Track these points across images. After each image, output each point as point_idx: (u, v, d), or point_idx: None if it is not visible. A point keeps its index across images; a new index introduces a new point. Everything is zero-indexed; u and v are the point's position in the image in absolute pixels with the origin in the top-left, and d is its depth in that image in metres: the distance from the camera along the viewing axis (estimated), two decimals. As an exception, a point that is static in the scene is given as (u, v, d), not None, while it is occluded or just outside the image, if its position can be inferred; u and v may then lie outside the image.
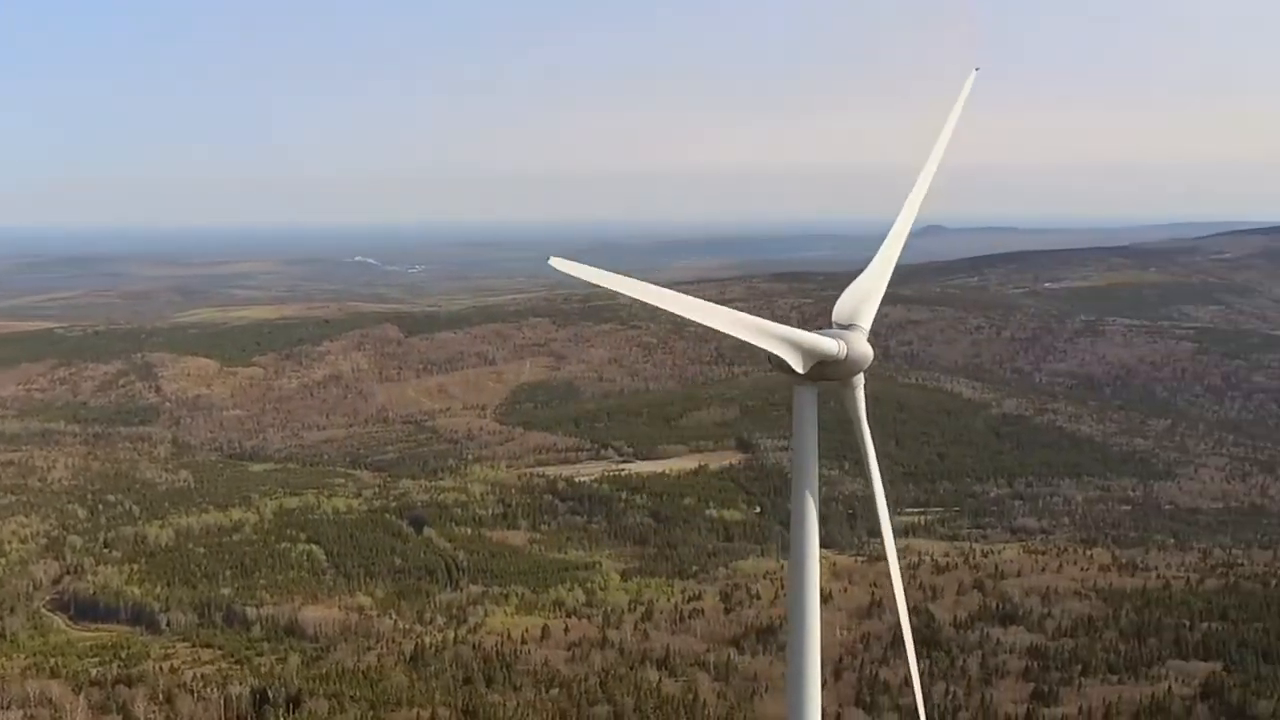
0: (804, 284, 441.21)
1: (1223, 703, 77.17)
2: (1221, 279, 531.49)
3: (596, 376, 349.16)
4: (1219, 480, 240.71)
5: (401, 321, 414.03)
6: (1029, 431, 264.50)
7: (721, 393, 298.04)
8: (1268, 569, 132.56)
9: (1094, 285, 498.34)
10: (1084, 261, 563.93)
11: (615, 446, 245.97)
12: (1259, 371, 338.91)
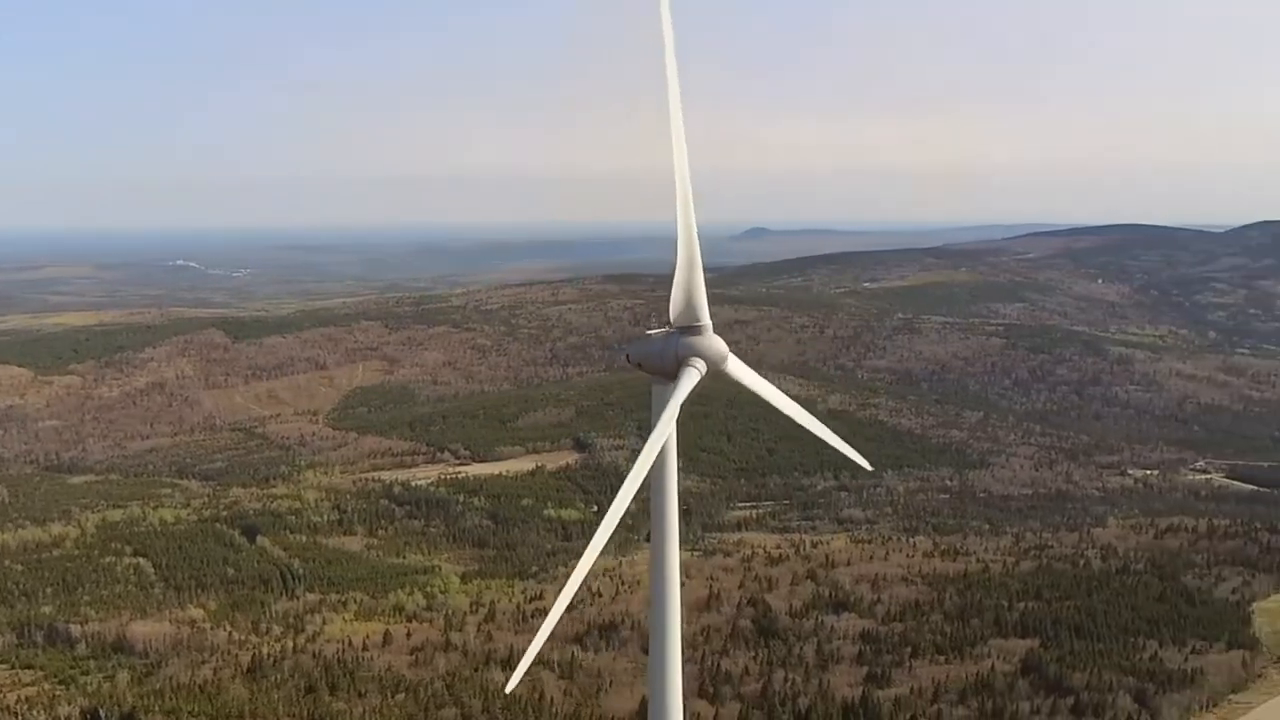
0: (635, 285, 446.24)
1: (1041, 676, 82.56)
2: (1026, 278, 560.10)
3: (431, 379, 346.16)
4: (1028, 468, 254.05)
5: (227, 326, 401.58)
6: (853, 425, 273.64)
7: (557, 394, 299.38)
8: (1075, 550, 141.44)
9: (910, 285, 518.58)
10: (900, 262, 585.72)
11: (452, 449, 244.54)
12: (1062, 365, 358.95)
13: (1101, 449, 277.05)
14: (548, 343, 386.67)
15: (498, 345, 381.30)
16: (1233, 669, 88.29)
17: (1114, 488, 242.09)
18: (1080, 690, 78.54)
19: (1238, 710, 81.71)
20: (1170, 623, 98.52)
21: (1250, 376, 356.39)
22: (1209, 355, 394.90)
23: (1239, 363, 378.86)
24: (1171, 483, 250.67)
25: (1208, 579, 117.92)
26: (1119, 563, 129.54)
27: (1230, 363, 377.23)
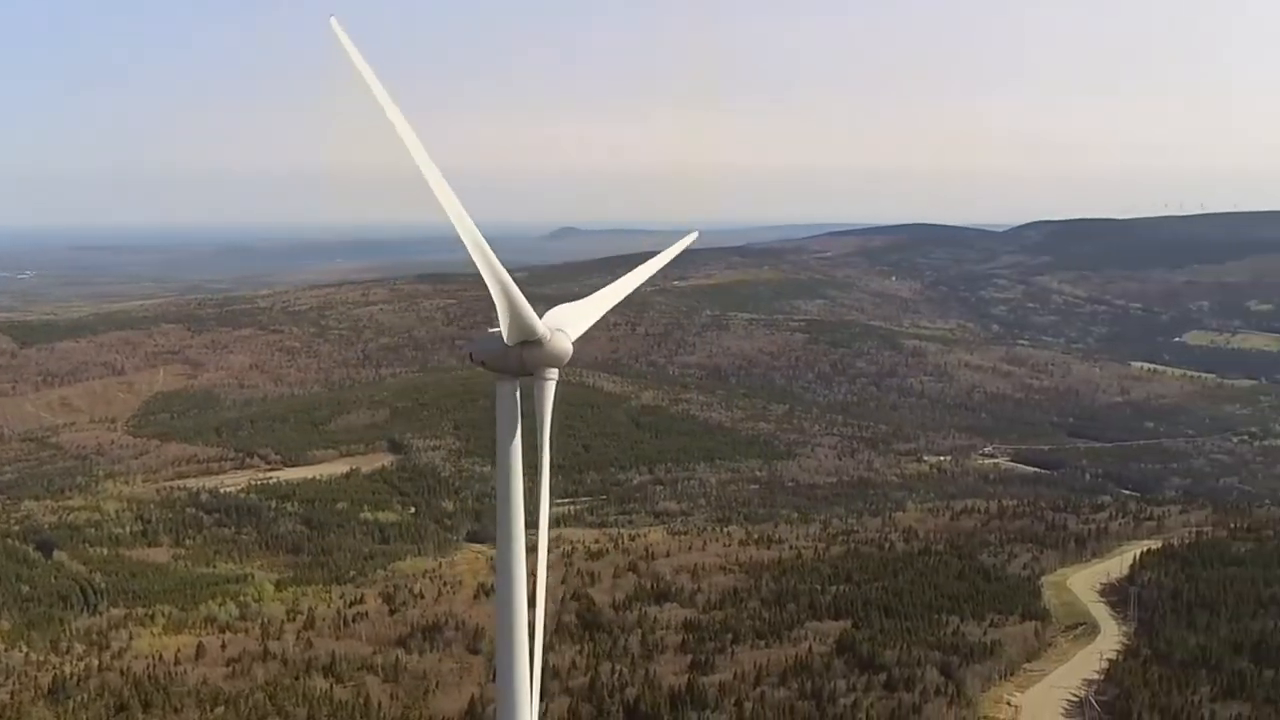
0: (448, 285, 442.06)
1: (855, 655, 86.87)
2: (826, 276, 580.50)
3: (237, 383, 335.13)
4: (832, 457, 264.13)
5: (14, 331, 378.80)
6: (666, 421, 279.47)
7: (370, 395, 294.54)
8: (879, 534, 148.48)
9: (717, 283, 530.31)
10: (707, 261, 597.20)
11: (261, 454, 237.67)
12: (861, 358, 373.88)
13: (899, 437, 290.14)
14: (359, 344, 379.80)
15: (307, 347, 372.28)
16: (1027, 639, 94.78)
17: (912, 474, 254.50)
18: (892, 666, 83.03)
19: (1033, 678, 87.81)
20: (969, 599, 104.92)
21: (1030, 366, 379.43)
22: (993, 347, 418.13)
23: (1020, 354, 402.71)
24: (963, 467, 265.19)
25: (1001, 556, 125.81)
26: (920, 544, 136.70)
27: (1012, 354, 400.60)
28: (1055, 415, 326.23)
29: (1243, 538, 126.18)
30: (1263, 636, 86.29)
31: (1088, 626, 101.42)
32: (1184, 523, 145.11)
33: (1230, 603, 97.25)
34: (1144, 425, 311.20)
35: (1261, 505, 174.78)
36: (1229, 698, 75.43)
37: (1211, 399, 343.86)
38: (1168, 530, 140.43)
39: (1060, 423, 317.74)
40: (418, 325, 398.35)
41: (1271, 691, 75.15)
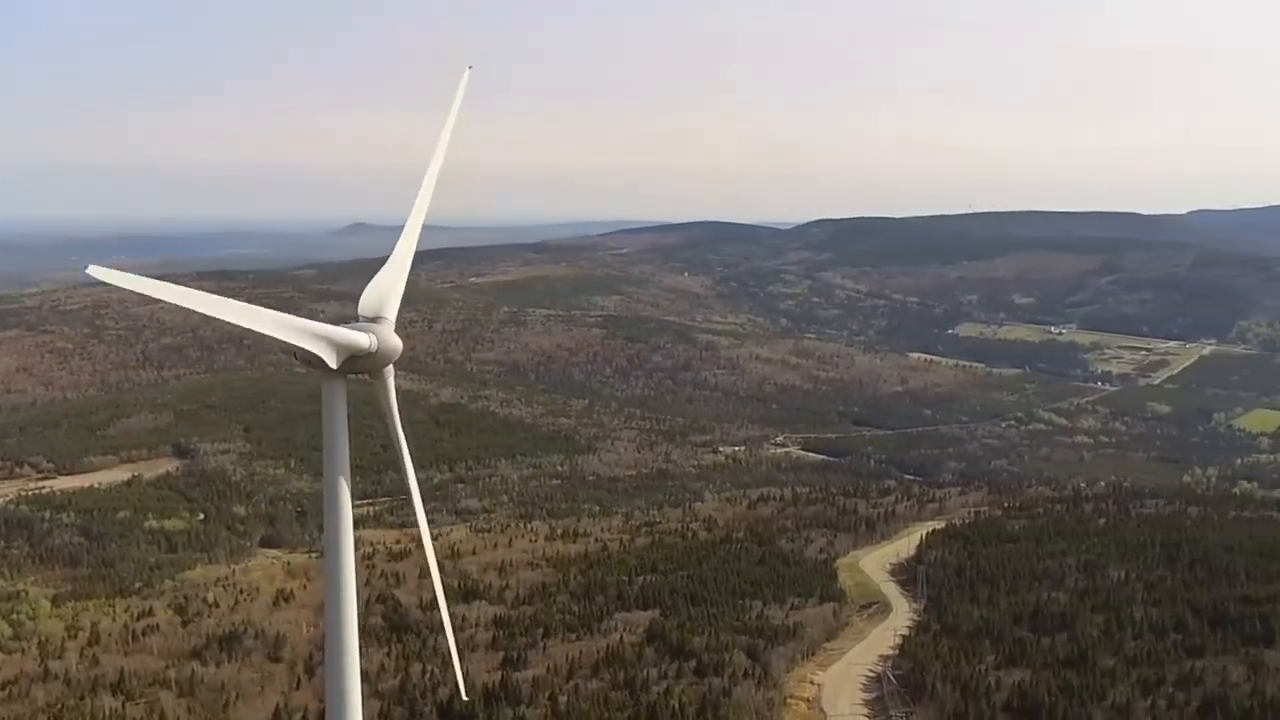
0: (232, 282, 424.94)
1: (665, 644, 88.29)
2: (621, 272, 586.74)
3: (3, 388, 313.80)
4: (631, 451, 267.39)
5: None
6: (466, 418, 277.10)
7: (152, 398, 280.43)
8: (681, 524, 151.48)
9: (514, 279, 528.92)
10: (503, 258, 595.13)
11: (32, 463, 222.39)
12: (657, 353, 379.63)
13: (695, 429, 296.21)
14: (139, 344, 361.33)
15: (81, 348, 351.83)
16: (826, 620, 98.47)
17: (708, 464, 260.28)
18: (701, 652, 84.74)
19: (833, 656, 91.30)
20: (771, 583, 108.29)
21: (817, 359, 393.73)
22: (782, 340, 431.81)
23: (807, 346, 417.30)
24: (757, 457, 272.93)
25: (798, 541, 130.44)
26: (721, 533, 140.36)
27: (800, 346, 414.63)
28: (841, 405, 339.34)
29: (1016, 515, 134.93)
30: (1038, 606, 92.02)
31: (881, 605, 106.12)
32: (963, 503, 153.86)
33: (1009, 576, 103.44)
34: (922, 413, 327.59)
35: (1030, 485, 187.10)
36: (1011, 664, 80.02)
37: (982, 387, 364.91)
38: (949, 511, 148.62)
39: (846, 412, 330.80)
40: (202, 324, 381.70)
41: (1048, 657, 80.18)
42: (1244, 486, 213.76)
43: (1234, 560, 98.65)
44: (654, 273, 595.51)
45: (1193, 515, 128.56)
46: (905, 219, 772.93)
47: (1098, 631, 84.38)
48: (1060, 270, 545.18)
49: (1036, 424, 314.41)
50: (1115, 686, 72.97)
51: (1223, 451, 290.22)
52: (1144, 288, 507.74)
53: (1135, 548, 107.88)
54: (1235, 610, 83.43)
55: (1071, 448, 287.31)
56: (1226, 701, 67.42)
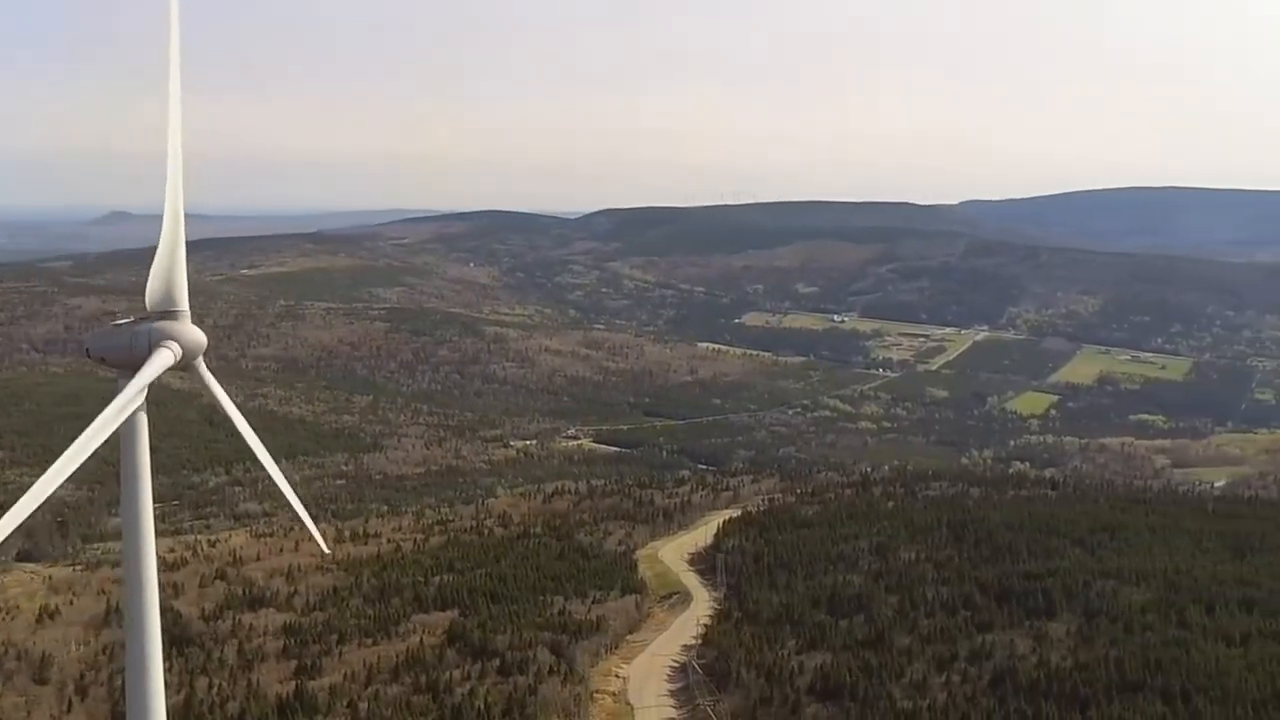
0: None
1: (467, 644, 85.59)
2: (404, 263, 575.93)
3: None
4: (419, 447, 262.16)
5: None
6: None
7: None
8: (475, 521, 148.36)
9: (290, 271, 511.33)
10: (278, 248, 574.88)
11: None
12: (443, 346, 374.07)
13: (485, 424, 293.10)
14: None
15: None
16: (628, 612, 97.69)
17: (500, 459, 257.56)
18: (504, 651, 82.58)
19: (637, 648, 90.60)
20: (571, 578, 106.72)
21: (607, 349, 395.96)
22: (571, 332, 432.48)
23: (597, 337, 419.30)
24: (549, 450, 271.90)
25: (597, 534, 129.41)
26: (518, 528, 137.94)
27: (590, 337, 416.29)
28: (632, 396, 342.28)
29: (809, 501, 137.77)
30: (835, 590, 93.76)
31: (682, 595, 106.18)
32: (756, 491, 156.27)
33: (805, 561, 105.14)
34: (712, 402, 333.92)
35: (819, 471, 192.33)
36: (812, 648, 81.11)
37: (769, 375, 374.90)
38: (744, 499, 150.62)
39: (637, 403, 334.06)
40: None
41: (847, 638, 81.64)
42: (1018, 467, 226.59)
43: (1015, 538, 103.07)
44: (438, 263, 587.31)
45: (975, 496, 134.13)
46: (692, 209, 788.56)
47: (892, 612, 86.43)
48: (842, 259, 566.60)
49: (822, 411, 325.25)
50: (912, 664, 74.79)
51: (997, 433, 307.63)
52: (921, 276, 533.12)
53: (923, 529, 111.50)
54: (1019, 586, 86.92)
55: (856, 433, 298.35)
56: (1015, 673, 69.89)
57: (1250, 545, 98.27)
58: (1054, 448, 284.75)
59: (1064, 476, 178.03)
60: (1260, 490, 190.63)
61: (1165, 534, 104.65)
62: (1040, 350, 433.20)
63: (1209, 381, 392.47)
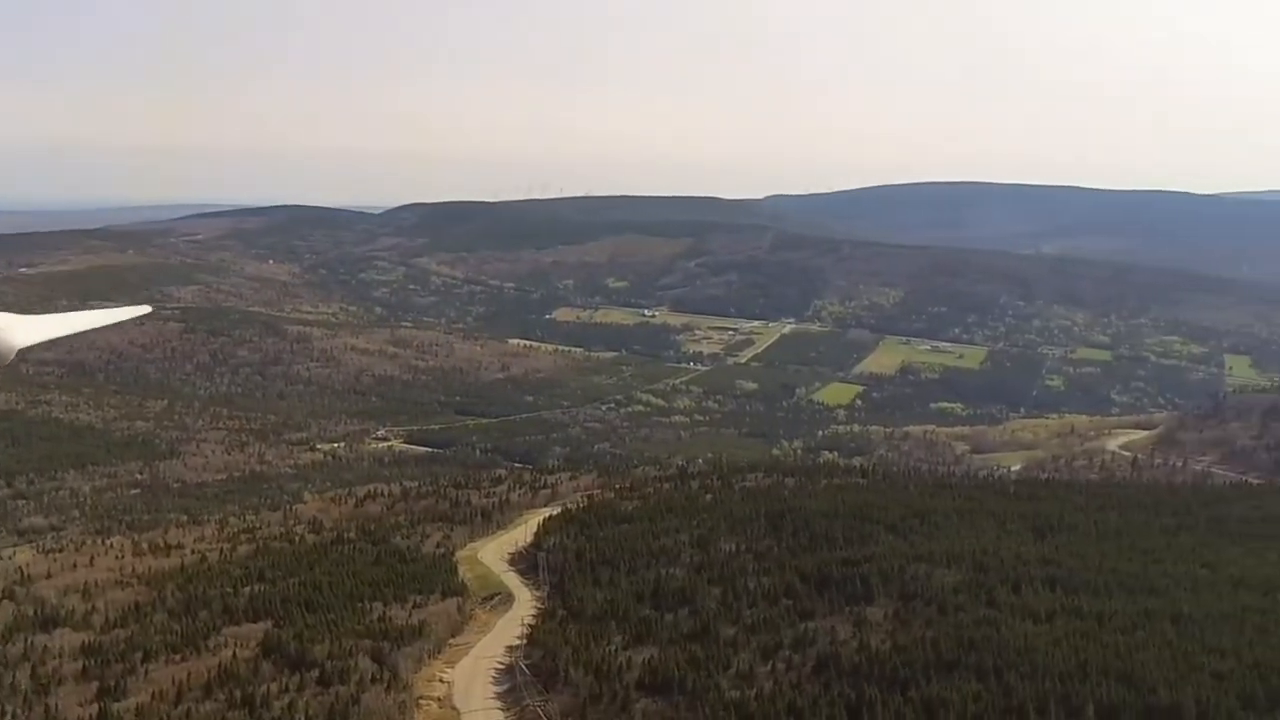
0: None
1: (283, 655, 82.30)
2: (198, 260, 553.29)
3: None
4: (220, 452, 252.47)
5: None
6: (24, 425, 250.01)
7: None
8: (285, 528, 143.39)
9: (74, 269, 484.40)
10: (60, 245, 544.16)
11: None
12: (243, 346, 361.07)
13: (290, 426, 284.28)
14: None
15: None
16: (450, 616, 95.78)
17: (306, 463, 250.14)
18: (323, 661, 79.82)
19: (460, 652, 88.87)
20: (390, 583, 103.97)
21: (416, 348, 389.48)
22: (378, 330, 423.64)
23: (405, 335, 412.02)
24: (358, 453, 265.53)
25: (414, 537, 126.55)
26: (330, 534, 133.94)
27: (397, 336, 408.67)
28: (443, 394, 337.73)
29: (628, 496, 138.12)
30: (659, 584, 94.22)
31: (504, 595, 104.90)
32: (575, 488, 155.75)
33: (627, 557, 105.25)
34: (525, 399, 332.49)
35: (636, 465, 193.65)
36: (639, 643, 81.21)
37: (581, 371, 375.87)
38: (562, 496, 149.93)
39: (448, 401, 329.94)
40: None
41: (673, 632, 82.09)
42: (827, 456, 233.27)
43: (832, 526, 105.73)
44: (235, 260, 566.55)
45: (790, 486, 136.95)
46: (499, 204, 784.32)
47: (716, 604, 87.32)
48: (651, 254, 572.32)
49: (635, 406, 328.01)
50: (738, 654, 75.66)
51: (805, 424, 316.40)
52: (729, 270, 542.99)
53: (742, 520, 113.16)
54: (838, 573, 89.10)
55: (669, 427, 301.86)
56: (838, 659, 71.54)
57: (1050, 525, 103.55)
58: (860, 437, 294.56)
59: (872, 465, 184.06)
60: (1053, 473, 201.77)
61: (971, 517, 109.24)
62: (845, 342, 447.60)
63: (1003, 370, 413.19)
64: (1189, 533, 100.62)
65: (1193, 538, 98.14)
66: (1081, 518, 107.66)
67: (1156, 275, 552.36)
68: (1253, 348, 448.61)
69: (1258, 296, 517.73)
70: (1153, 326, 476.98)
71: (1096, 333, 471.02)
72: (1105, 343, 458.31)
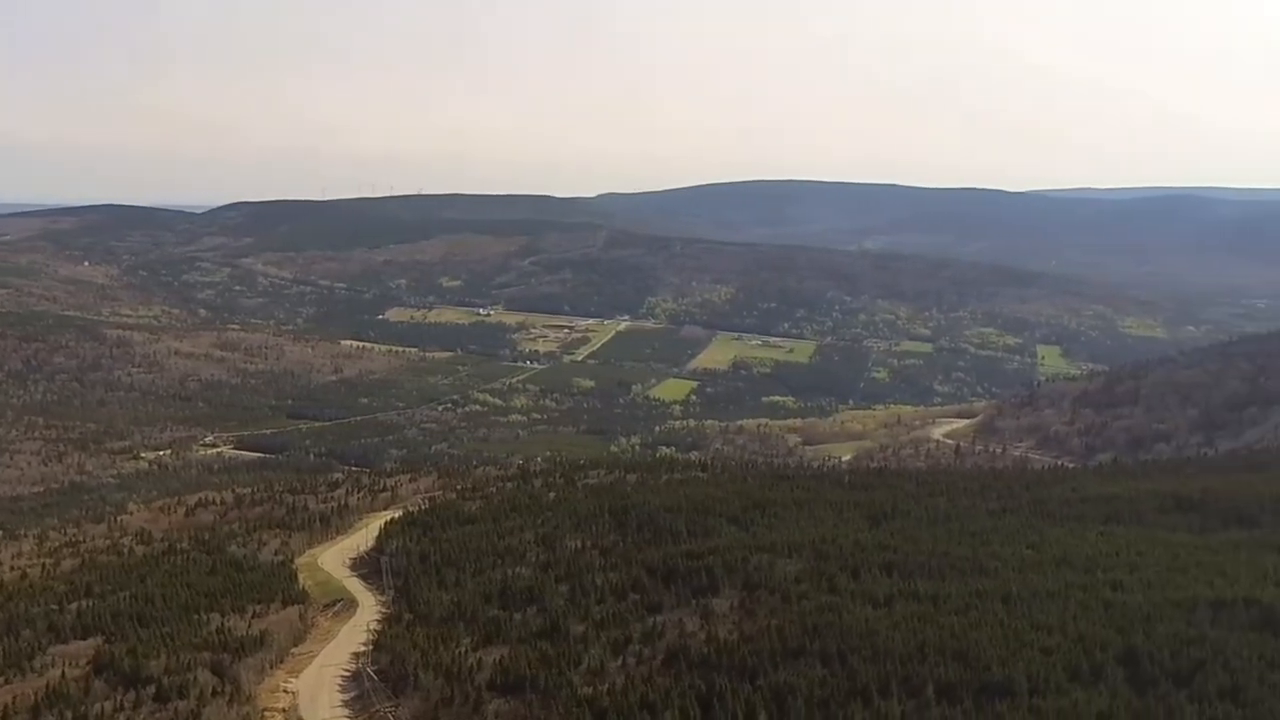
0: None
1: (117, 673, 79.21)
2: (6, 262, 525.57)
3: None
4: (36, 464, 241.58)
5: None
6: None
7: None
8: (111, 541, 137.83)
9: None
10: None
11: None
12: (59, 352, 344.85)
13: (111, 435, 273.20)
14: None
15: None
16: (292, 624, 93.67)
17: (130, 472, 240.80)
18: (160, 676, 77.07)
19: (304, 661, 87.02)
20: (228, 593, 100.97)
21: (244, 350, 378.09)
22: (203, 333, 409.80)
23: (232, 338, 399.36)
24: (185, 460, 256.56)
25: (250, 545, 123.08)
26: (161, 545, 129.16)
27: (224, 338, 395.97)
28: (274, 398, 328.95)
29: (471, 497, 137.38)
30: (505, 584, 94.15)
31: (347, 602, 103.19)
32: (415, 490, 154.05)
33: (473, 557, 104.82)
34: (359, 401, 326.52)
35: (476, 466, 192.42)
36: (489, 643, 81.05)
37: (416, 372, 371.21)
38: (403, 499, 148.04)
39: (280, 405, 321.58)
40: None
41: (523, 631, 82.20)
42: (664, 451, 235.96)
43: (675, 520, 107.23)
44: (47, 262, 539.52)
45: (632, 482, 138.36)
46: (328, 202, 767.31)
47: (564, 601, 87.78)
48: (485, 252, 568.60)
49: (472, 405, 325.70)
50: (589, 650, 76.21)
51: (642, 420, 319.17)
52: (563, 268, 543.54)
53: (587, 517, 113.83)
54: (683, 566, 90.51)
55: (507, 427, 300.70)
56: (688, 650, 72.71)
57: (884, 513, 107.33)
58: (696, 431, 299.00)
59: (710, 459, 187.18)
60: (882, 462, 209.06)
61: (810, 507, 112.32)
62: (679, 338, 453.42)
63: (831, 363, 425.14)
64: (1014, 515, 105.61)
65: (1017, 520, 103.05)
66: (913, 504, 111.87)
67: (972, 270, 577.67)
68: (1062, 338, 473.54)
69: (1065, 289, 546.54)
70: (970, 319, 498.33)
71: (918, 326, 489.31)
72: (927, 335, 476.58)
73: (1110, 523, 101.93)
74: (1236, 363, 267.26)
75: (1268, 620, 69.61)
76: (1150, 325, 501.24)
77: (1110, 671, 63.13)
